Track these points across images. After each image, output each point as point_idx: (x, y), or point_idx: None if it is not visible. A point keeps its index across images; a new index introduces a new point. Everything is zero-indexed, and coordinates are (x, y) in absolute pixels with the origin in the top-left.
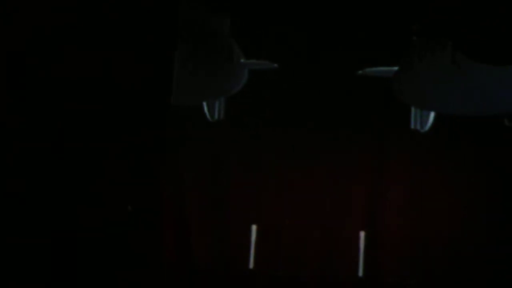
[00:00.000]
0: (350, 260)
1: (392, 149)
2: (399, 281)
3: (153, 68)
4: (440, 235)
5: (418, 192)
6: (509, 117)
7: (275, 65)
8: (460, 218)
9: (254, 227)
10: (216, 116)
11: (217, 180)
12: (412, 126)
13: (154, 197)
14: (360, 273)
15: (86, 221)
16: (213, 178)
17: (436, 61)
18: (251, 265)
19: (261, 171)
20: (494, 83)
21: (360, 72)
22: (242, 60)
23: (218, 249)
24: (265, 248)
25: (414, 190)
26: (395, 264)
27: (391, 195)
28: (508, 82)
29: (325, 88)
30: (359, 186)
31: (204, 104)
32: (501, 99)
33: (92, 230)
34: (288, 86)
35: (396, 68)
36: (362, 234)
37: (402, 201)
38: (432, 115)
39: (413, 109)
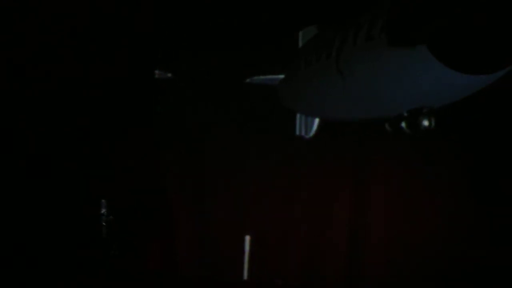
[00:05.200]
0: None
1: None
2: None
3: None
4: (422, 239)
5: (400, 197)
6: (390, 122)
7: (169, 74)
8: (440, 224)
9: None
10: None
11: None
12: (297, 133)
13: (140, 206)
14: (245, 275)
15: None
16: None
17: (321, 68)
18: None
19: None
20: (374, 90)
21: (248, 80)
22: None
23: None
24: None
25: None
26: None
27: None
28: (387, 89)
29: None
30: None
31: None
32: (381, 105)
33: (73, 237)
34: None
35: (282, 76)
36: (247, 238)
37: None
38: (316, 121)
39: (298, 115)
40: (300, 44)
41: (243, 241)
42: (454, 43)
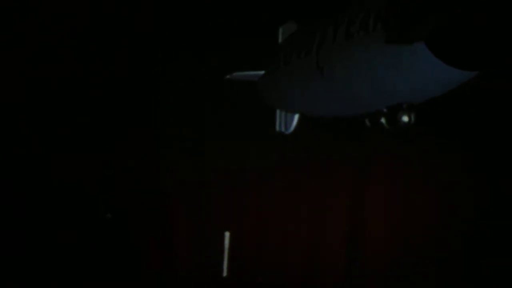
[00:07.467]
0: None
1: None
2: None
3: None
4: (422, 238)
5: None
6: (369, 118)
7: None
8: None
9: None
10: None
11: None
12: (277, 129)
13: (137, 204)
14: (224, 273)
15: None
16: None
17: (301, 65)
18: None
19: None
20: (354, 86)
21: (228, 76)
22: None
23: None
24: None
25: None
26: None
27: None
28: (368, 85)
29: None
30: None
31: None
32: (360, 101)
33: (72, 237)
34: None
35: (262, 72)
36: (227, 234)
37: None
38: (296, 117)
39: (277, 112)
40: (280, 40)
41: (241, 240)
42: (454, 40)
